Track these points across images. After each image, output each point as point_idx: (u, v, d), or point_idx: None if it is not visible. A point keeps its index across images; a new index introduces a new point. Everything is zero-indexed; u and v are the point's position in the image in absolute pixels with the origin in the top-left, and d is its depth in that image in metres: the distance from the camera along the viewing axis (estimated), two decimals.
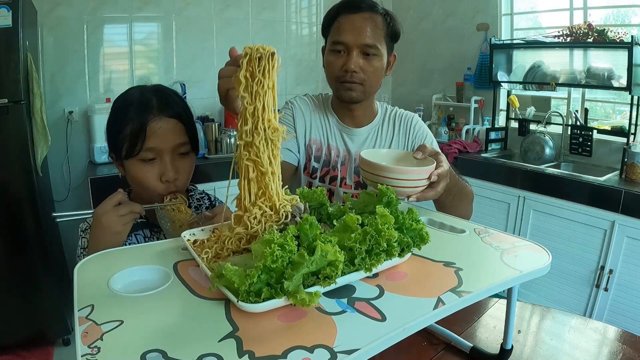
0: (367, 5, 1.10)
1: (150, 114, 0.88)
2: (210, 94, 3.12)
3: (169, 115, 0.90)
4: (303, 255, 0.51)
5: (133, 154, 0.88)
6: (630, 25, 2.60)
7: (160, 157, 0.90)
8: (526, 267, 0.63)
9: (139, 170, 0.90)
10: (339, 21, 1.11)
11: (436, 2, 3.46)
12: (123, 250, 0.71)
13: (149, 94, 0.92)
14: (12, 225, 2.04)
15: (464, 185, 1.09)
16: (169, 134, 0.90)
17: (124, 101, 0.93)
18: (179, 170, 0.92)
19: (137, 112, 0.88)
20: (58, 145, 2.55)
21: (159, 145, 0.89)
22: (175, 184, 0.92)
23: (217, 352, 0.44)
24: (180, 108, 0.94)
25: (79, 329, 0.47)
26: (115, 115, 0.93)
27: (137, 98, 0.91)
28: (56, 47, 2.62)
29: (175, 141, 0.91)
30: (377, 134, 1.24)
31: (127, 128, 0.88)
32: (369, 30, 1.08)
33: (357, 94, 1.14)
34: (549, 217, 2.41)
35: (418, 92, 3.65)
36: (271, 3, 3.28)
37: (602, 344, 0.91)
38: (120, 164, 0.95)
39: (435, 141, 1.26)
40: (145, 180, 0.90)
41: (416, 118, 1.27)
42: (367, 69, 1.11)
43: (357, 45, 1.08)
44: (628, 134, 2.44)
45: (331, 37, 1.13)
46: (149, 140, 0.88)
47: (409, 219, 0.63)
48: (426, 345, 0.87)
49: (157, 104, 0.90)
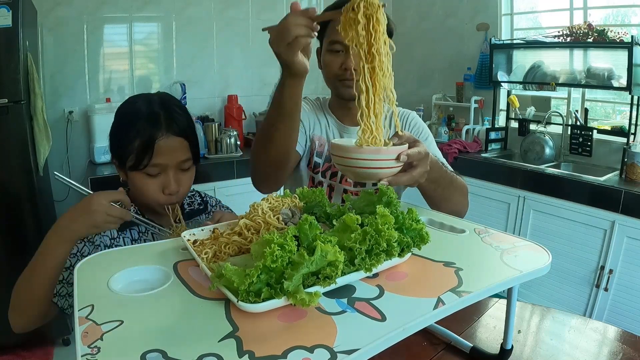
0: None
1: (158, 131, 0.91)
2: (210, 93, 3.12)
3: (176, 132, 0.93)
4: (303, 255, 0.51)
5: (139, 168, 0.91)
6: (630, 25, 2.60)
7: (164, 172, 0.93)
8: (526, 267, 0.63)
9: (142, 183, 0.93)
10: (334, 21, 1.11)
11: (436, 2, 3.46)
12: (123, 250, 0.72)
13: (157, 107, 0.94)
14: (12, 225, 2.04)
15: (454, 177, 1.07)
16: (175, 152, 0.93)
17: (132, 112, 0.94)
18: (180, 183, 0.95)
19: (146, 127, 0.91)
20: (58, 145, 2.55)
21: (164, 162, 0.92)
22: (177, 196, 0.95)
23: (217, 352, 0.44)
24: (186, 124, 0.97)
25: (79, 329, 0.47)
26: (122, 125, 0.95)
27: (145, 111, 0.93)
28: (56, 47, 2.62)
29: (180, 158, 0.94)
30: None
31: (135, 142, 0.90)
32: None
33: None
34: (549, 217, 2.41)
35: (418, 92, 3.65)
36: (271, 3, 3.28)
37: (602, 344, 0.91)
38: (122, 171, 0.97)
39: (431, 136, 1.26)
40: (147, 192, 0.93)
41: (413, 114, 1.28)
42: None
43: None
44: (628, 134, 2.44)
45: (328, 37, 1.14)
46: (156, 157, 0.91)
47: (409, 219, 0.63)
48: (426, 345, 0.87)
49: (165, 119, 0.93)
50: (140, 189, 0.94)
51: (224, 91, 3.14)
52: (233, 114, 3.02)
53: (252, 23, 3.22)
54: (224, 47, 3.14)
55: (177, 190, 0.94)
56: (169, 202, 0.95)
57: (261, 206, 0.68)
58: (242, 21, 3.19)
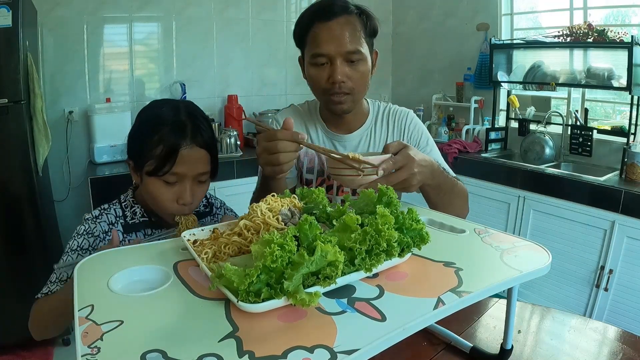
0: (339, 8, 1.02)
1: (183, 140, 0.90)
2: (210, 93, 3.12)
3: (200, 144, 0.93)
4: (303, 255, 0.51)
5: (158, 174, 0.90)
6: (630, 25, 2.60)
7: (181, 181, 0.92)
8: (526, 267, 0.63)
9: (157, 189, 0.92)
10: (314, 31, 1.03)
11: (436, 2, 3.46)
12: (123, 250, 0.71)
13: (184, 115, 0.93)
14: (12, 225, 2.04)
15: (455, 182, 1.06)
16: (196, 163, 0.93)
17: (157, 117, 0.93)
18: (195, 194, 0.95)
19: (171, 134, 0.90)
20: (58, 145, 2.55)
21: (184, 171, 0.91)
22: (190, 207, 0.95)
23: (217, 352, 0.44)
24: (209, 137, 0.96)
25: (79, 329, 0.47)
26: (145, 129, 0.93)
27: (171, 118, 0.92)
28: (56, 47, 2.62)
29: (200, 170, 0.94)
30: (370, 136, 1.19)
31: (158, 148, 0.89)
32: (348, 35, 1.01)
33: (348, 105, 1.08)
34: (549, 217, 2.41)
35: (418, 92, 3.65)
36: (271, 3, 3.28)
37: (602, 344, 0.91)
38: (137, 174, 0.96)
39: (432, 140, 1.23)
40: (161, 200, 0.93)
41: (411, 114, 1.23)
42: (354, 75, 1.04)
43: (340, 54, 1.01)
44: (628, 134, 2.44)
45: (309, 49, 1.05)
46: (177, 166, 0.90)
47: (409, 219, 0.63)
48: (426, 345, 0.87)
49: (191, 130, 0.92)
50: (154, 195, 0.93)
51: (224, 91, 3.15)
52: (233, 114, 3.02)
53: (252, 23, 3.23)
54: (224, 47, 3.14)
55: (190, 202, 0.94)
56: (181, 213, 0.94)
57: (260, 207, 0.68)
58: (242, 21, 3.19)
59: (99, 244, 0.92)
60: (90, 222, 0.94)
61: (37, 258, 2.10)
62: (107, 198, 1.03)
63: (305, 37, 1.06)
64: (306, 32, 1.05)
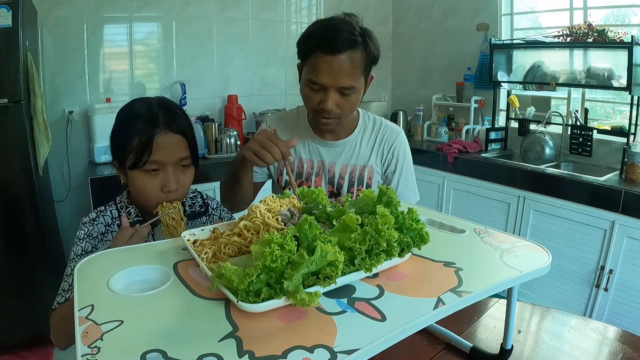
0: (344, 44, 1.02)
1: (157, 128, 0.92)
2: (210, 94, 3.12)
3: (175, 130, 0.94)
4: (303, 255, 0.51)
5: (138, 166, 0.92)
6: (630, 25, 2.60)
7: (163, 169, 0.94)
8: (526, 267, 0.63)
9: (141, 182, 0.94)
10: (315, 59, 1.05)
11: (436, 2, 3.46)
12: (123, 250, 0.71)
13: (156, 108, 0.95)
14: (12, 225, 2.04)
15: None
16: (174, 148, 0.94)
17: (132, 113, 0.96)
18: (180, 181, 0.96)
19: (145, 125, 0.92)
20: (58, 145, 2.55)
21: (163, 158, 0.93)
22: (175, 194, 0.96)
23: (217, 352, 0.44)
24: (185, 124, 0.98)
25: (79, 329, 0.47)
26: (122, 126, 0.96)
27: (144, 112, 0.94)
28: (56, 47, 2.61)
29: (179, 155, 0.95)
30: (355, 146, 1.24)
31: (134, 140, 0.91)
32: (347, 72, 1.04)
33: (333, 127, 1.16)
34: (549, 217, 2.41)
35: (418, 92, 3.65)
36: (271, 3, 3.28)
37: (602, 344, 0.91)
38: (123, 173, 0.98)
39: (410, 166, 1.27)
40: (147, 191, 0.94)
41: (402, 135, 1.26)
42: (344, 105, 1.09)
43: (335, 87, 1.06)
44: (628, 134, 2.44)
45: (307, 72, 1.08)
46: (155, 153, 0.92)
47: (409, 219, 0.63)
48: (426, 345, 0.87)
49: (164, 119, 0.94)
50: (140, 188, 0.94)
51: (224, 91, 3.14)
52: (233, 114, 3.02)
53: (252, 23, 3.22)
54: (224, 47, 3.14)
55: (176, 189, 0.95)
56: (168, 200, 0.95)
57: (259, 208, 0.68)
58: (242, 21, 3.19)
59: (97, 244, 0.93)
60: (88, 225, 0.95)
61: (37, 258, 2.10)
62: (107, 198, 1.04)
63: (306, 58, 1.09)
64: (308, 55, 1.08)
